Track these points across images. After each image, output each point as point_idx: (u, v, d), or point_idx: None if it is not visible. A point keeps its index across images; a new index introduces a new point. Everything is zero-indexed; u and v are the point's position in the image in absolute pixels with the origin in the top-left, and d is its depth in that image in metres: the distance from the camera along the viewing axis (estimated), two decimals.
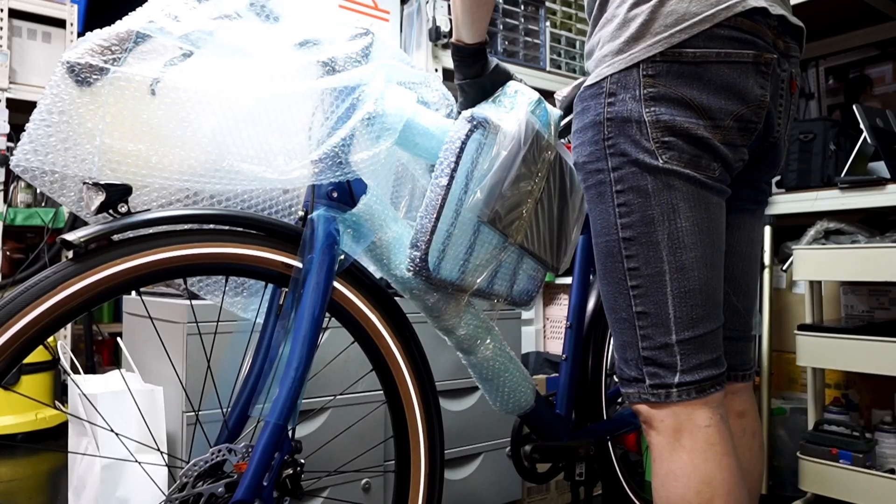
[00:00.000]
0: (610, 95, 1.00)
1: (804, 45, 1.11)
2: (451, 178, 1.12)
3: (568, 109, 1.35)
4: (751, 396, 1.23)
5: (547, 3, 3.29)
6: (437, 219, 1.11)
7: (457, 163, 1.12)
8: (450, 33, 2.87)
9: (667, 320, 0.99)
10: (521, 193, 1.22)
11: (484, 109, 1.22)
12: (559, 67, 3.31)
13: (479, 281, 1.24)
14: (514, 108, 1.23)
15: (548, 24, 3.28)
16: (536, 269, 1.37)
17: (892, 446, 2.06)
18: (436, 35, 2.83)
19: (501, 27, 3.13)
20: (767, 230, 2.46)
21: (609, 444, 1.66)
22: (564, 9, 3.37)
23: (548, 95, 3.29)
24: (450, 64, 2.91)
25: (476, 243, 1.22)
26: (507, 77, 1.30)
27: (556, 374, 2.18)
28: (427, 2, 2.86)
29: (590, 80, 1.04)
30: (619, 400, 1.87)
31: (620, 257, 1.01)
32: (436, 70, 2.87)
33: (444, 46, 2.89)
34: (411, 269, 1.12)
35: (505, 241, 1.24)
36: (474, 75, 1.27)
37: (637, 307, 1.01)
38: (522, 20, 3.19)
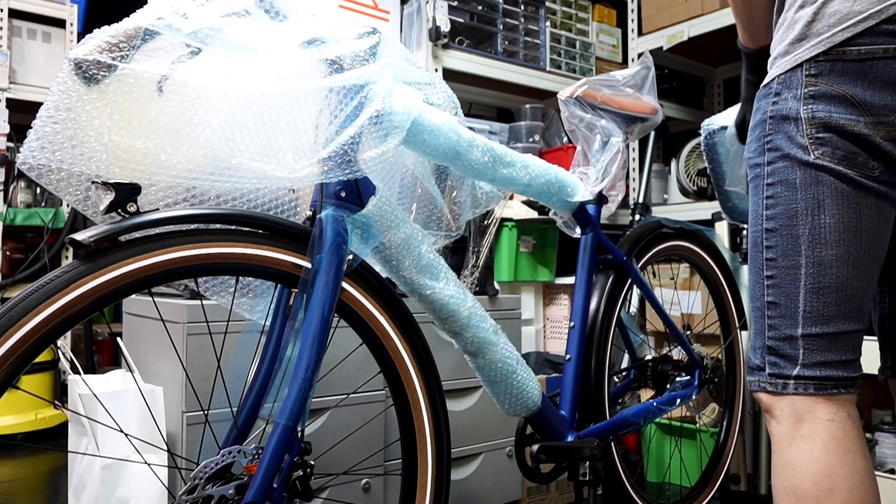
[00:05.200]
0: (776, 95, 1.03)
1: None
2: None
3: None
4: None
5: (547, 3, 3.29)
6: None
7: None
8: (450, 33, 2.86)
9: (795, 313, 1.00)
10: None
11: None
12: (559, 67, 3.31)
13: None
14: None
15: (548, 24, 3.27)
16: None
17: (892, 446, 2.06)
18: (436, 35, 2.83)
19: (501, 27, 3.13)
20: None
21: (612, 444, 1.66)
22: (564, 9, 3.37)
23: (548, 95, 3.31)
24: (450, 64, 2.91)
25: None
26: None
27: (557, 374, 2.18)
28: (427, 2, 2.86)
29: (764, 81, 1.08)
30: (621, 400, 1.88)
31: (761, 247, 1.05)
32: (436, 70, 2.87)
33: (445, 46, 2.88)
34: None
35: None
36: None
37: (769, 297, 1.03)
38: (522, 20, 3.19)
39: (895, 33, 0.96)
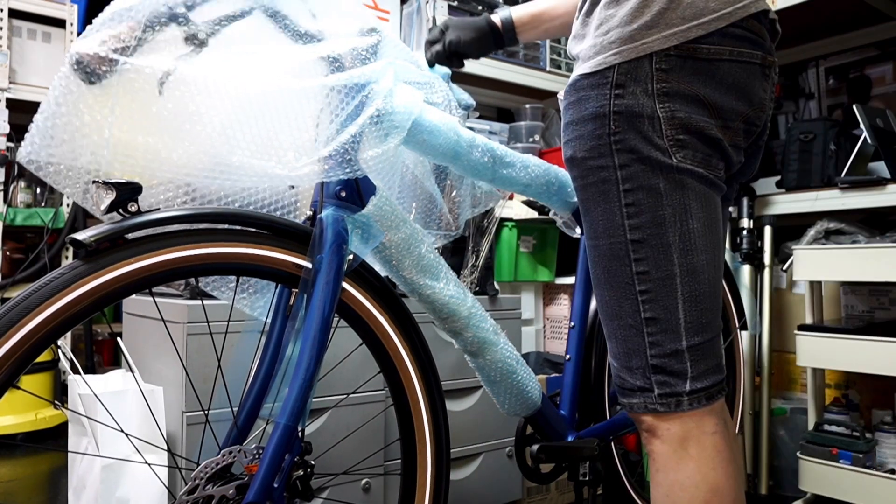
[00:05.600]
0: (618, 87, 0.94)
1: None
2: None
3: None
4: None
5: None
6: None
7: None
8: None
9: (677, 326, 0.95)
10: None
11: None
12: (559, 67, 3.31)
13: None
14: None
15: None
16: None
17: (892, 446, 2.06)
18: None
19: None
20: (768, 230, 2.47)
21: (612, 444, 1.66)
22: None
23: (548, 95, 3.31)
24: None
25: None
26: None
27: (557, 374, 2.18)
28: (427, 2, 2.86)
29: (589, 68, 0.97)
30: None
31: (628, 260, 0.96)
32: None
33: None
34: None
35: None
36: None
37: (646, 313, 0.96)
38: None
39: (740, 37, 0.94)
